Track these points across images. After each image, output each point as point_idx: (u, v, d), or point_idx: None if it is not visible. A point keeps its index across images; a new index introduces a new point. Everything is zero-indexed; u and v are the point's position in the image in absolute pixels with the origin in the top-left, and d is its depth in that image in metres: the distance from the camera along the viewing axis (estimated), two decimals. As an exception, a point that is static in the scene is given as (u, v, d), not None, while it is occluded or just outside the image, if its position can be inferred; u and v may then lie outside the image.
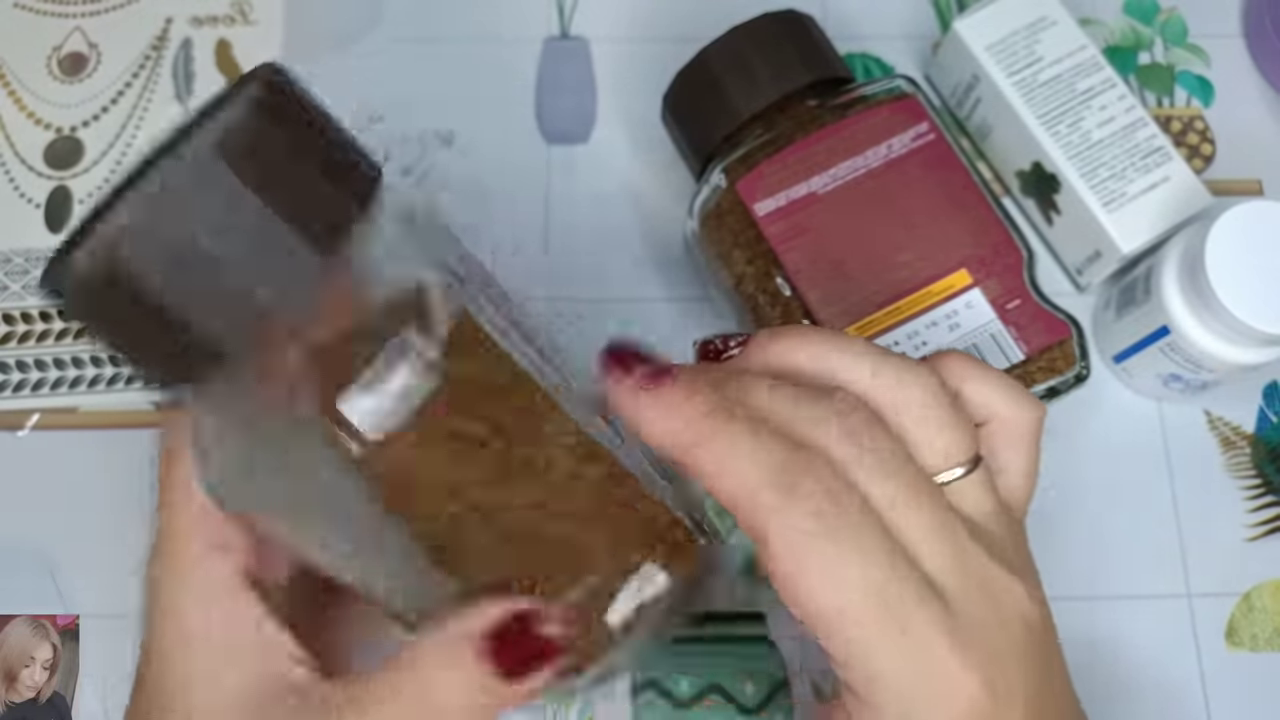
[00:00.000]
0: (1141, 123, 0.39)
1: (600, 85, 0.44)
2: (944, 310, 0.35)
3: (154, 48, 0.44)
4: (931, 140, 0.37)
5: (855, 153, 0.36)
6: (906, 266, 0.36)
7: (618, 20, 0.45)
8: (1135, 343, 0.38)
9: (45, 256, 0.41)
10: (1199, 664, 0.38)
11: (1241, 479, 0.40)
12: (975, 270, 0.36)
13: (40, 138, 0.43)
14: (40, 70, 0.43)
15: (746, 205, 0.36)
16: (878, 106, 0.37)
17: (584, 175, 0.43)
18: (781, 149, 0.36)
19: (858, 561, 0.24)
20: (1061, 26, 0.40)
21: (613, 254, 0.42)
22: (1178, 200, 0.38)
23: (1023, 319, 0.35)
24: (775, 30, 0.37)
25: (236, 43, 0.44)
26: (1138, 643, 0.38)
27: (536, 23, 0.45)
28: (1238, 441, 0.40)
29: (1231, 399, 0.40)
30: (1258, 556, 0.39)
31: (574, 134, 0.43)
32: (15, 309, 0.41)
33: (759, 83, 0.37)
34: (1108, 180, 0.39)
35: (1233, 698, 0.37)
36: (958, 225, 0.36)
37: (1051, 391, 0.35)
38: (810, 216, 0.36)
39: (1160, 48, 0.45)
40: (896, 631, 0.24)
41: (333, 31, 0.44)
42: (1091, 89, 0.39)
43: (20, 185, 0.42)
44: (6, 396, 0.40)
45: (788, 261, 0.35)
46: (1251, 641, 0.38)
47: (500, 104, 0.44)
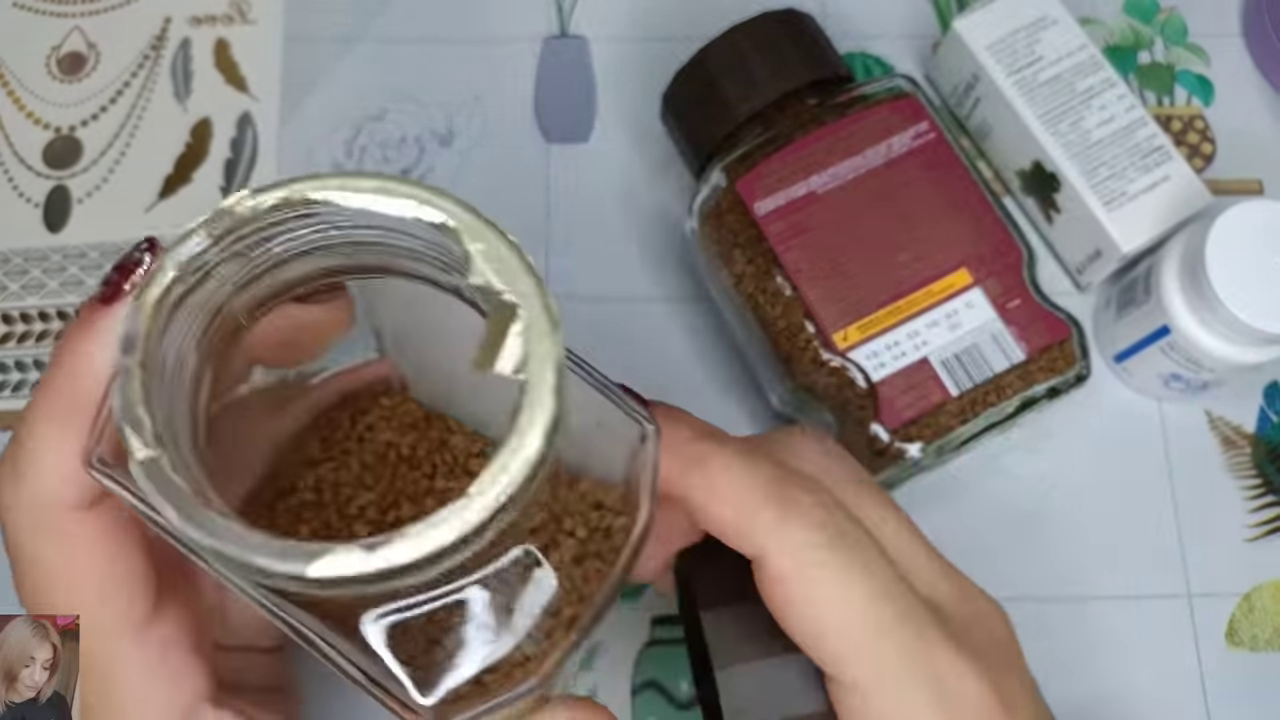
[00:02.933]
0: (1142, 122, 0.39)
1: (600, 84, 0.44)
2: (944, 310, 0.35)
3: (153, 47, 0.44)
4: (932, 139, 0.37)
5: (855, 152, 0.36)
6: (907, 266, 0.35)
7: (617, 19, 0.45)
8: (1136, 342, 0.38)
9: (44, 256, 0.41)
10: (1199, 664, 0.38)
11: (1242, 479, 0.40)
12: (975, 270, 0.36)
13: (39, 137, 0.43)
14: (39, 70, 0.43)
15: (746, 204, 0.36)
16: (878, 106, 0.37)
17: (583, 174, 0.43)
18: (781, 148, 0.36)
19: (863, 575, 0.24)
20: (1062, 26, 0.40)
21: (612, 253, 0.42)
22: (1178, 200, 0.38)
23: (1023, 318, 0.35)
24: (775, 29, 0.37)
25: (235, 42, 0.44)
26: (1138, 643, 0.38)
27: (536, 22, 0.45)
28: (1238, 441, 0.40)
29: (1232, 399, 0.40)
30: (1258, 556, 0.39)
31: (573, 133, 0.43)
32: (15, 309, 0.40)
33: (758, 82, 0.37)
34: (1108, 180, 0.39)
35: (1233, 698, 0.37)
36: (958, 224, 0.36)
37: (1052, 391, 0.35)
38: (810, 216, 0.36)
39: (1160, 47, 0.45)
40: (911, 642, 0.24)
41: (332, 31, 0.44)
42: (1092, 88, 0.39)
43: (19, 185, 0.42)
44: (6, 396, 0.40)
45: (788, 261, 0.35)
46: (1252, 641, 0.38)
47: (500, 103, 0.44)
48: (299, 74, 0.44)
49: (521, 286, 0.17)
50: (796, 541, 0.23)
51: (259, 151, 0.43)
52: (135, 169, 0.42)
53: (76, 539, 0.22)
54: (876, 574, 0.24)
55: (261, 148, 0.43)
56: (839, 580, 0.23)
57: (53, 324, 0.40)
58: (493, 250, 0.18)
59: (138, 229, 0.41)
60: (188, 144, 0.43)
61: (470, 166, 0.43)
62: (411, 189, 0.18)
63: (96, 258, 0.41)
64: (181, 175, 0.42)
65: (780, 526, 0.23)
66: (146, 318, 0.17)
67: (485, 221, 0.18)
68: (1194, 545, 0.39)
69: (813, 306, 0.35)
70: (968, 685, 0.24)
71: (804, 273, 0.35)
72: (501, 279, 0.18)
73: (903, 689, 0.24)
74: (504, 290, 0.17)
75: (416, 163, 0.43)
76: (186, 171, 0.42)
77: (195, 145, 0.43)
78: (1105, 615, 0.38)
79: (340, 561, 0.15)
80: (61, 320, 0.40)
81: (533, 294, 0.17)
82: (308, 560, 0.16)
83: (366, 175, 0.18)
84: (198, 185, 0.42)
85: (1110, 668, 0.37)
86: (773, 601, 0.24)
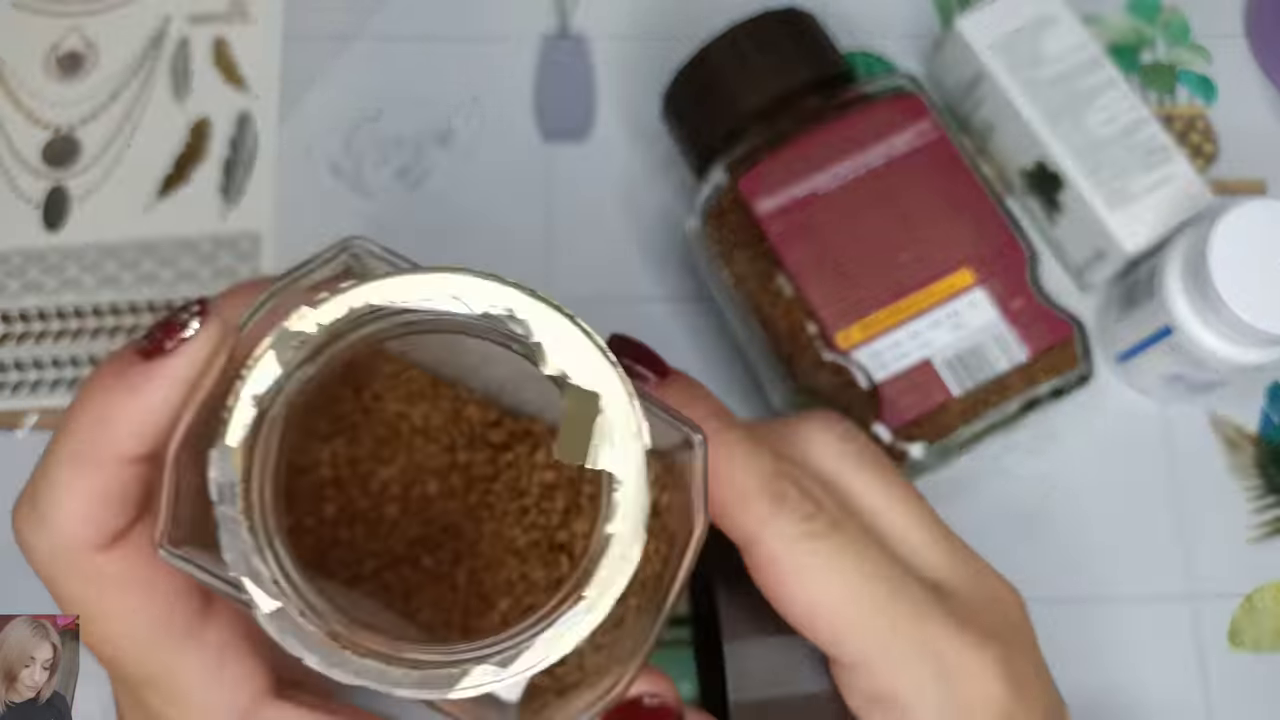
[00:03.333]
0: (1144, 122, 0.39)
1: (600, 83, 0.44)
2: (946, 309, 0.35)
3: (152, 46, 0.44)
4: (934, 138, 0.37)
5: (857, 151, 0.36)
6: (909, 265, 0.35)
7: (617, 18, 0.45)
8: (1138, 343, 0.38)
9: (43, 255, 0.41)
10: (1201, 665, 0.37)
11: (1244, 480, 0.39)
12: (978, 269, 0.35)
13: (38, 136, 0.42)
14: (38, 69, 0.43)
15: (748, 203, 0.36)
16: (880, 104, 0.37)
17: (583, 174, 0.43)
18: (783, 147, 0.36)
19: (855, 559, 0.24)
20: (1064, 25, 0.40)
21: (612, 253, 0.42)
22: (1181, 199, 0.38)
23: (1026, 319, 0.35)
24: (776, 27, 0.37)
25: (234, 41, 0.44)
26: (1140, 644, 0.38)
27: (535, 20, 0.45)
28: (1241, 442, 0.40)
29: (1235, 399, 0.40)
30: (1261, 558, 0.39)
31: (573, 132, 0.43)
32: (14, 309, 0.40)
33: (759, 80, 0.37)
34: (1111, 179, 0.38)
35: (1235, 699, 0.37)
36: (960, 224, 0.36)
37: (1055, 392, 0.35)
38: (812, 215, 0.36)
39: (1162, 47, 0.45)
40: (907, 619, 0.24)
41: (332, 29, 0.44)
42: (1094, 88, 0.39)
43: (18, 184, 0.42)
44: (5, 396, 0.39)
45: (789, 260, 0.35)
46: (1254, 643, 0.38)
47: (499, 102, 0.43)
48: (298, 73, 0.43)
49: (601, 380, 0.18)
50: (787, 534, 0.24)
51: (258, 151, 0.42)
52: (134, 168, 0.42)
53: (106, 577, 0.23)
54: (869, 557, 0.24)
55: (261, 147, 0.42)
56: (830, 565, 0.24)
57: (51, 323, 0.40)
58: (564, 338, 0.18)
59: (137, 228, 0.41)
60: (187, 143, 0.43)
61: (469, 166, 0.42)
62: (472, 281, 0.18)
63: (95, 257, 0.41)
64: (180, 174, 0.42)
65: (771, 520, 0.24)
66: (239, 462, 0.17)
67: (554, 306, 0.18)
68: (1196, 546, 0.39)
69: (814, 306, 0.35)
70: (970, 662, 0.24)
71: (806, 272, 0.35)
72: (577, 369, 0.18)
73: (904, 664, 0.24)
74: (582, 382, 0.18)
75: (415, 162, 0.42)
76: (185, 170, 0.42)
77: (194, 144, 0.43)
78: (1107, 616, 0.38)
79: (478, 679, 0.17)
80: (61, 320, 0.40)
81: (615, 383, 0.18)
82: (449, 686, 0.16)
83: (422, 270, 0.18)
84: (197, 184, 0.42)
85: (1112, 668, 0.37)
86: (765, 585, 0.25)
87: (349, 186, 0.42)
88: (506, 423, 0.23)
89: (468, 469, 0.23)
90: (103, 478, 0.22)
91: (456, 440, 0.23)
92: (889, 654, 0.24)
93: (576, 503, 0.23)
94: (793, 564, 0.24)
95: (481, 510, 0.23)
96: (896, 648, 0.24)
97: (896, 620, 0.24)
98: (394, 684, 0.17)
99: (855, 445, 0.27)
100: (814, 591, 0.24)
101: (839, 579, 0.24)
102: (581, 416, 0.18)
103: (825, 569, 0.24)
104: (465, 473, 0.23)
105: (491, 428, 0.24)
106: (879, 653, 0.24)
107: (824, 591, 0.24)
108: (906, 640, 0.24)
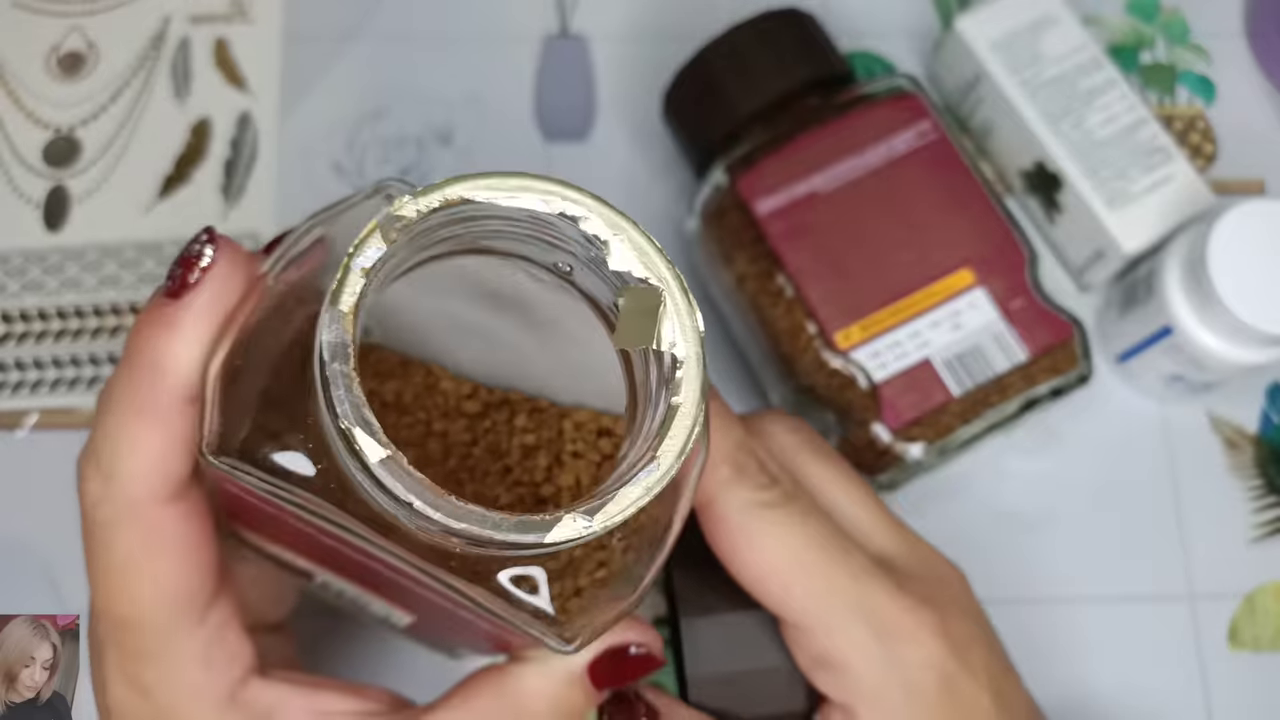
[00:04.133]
0: (1144, 122, 0.39)
1: (600, 83, 0.44)
2: (946, 310, 0.35)
3: (152, 46, 0.44)
4: (934, 139, 0.37)
5: (857, 151, 0.36)
6: (909, 266, 0.35)
7: (617, 18, 0.45)
8: (1138, 343, 0.38)
9: (43, 255, 0.41)
10: (1201, 665, 0.37)
11: (1244, 480, 0.39)
12: (978, 270, 0.35)
13: (38, 136, 0.42)
14: (38, 69, 0.43)
15: (748, 204, 0.36)
16: (879, 104, 0.37)
17: (583, 174, 0.43)
18: (782, 147, 0.36)
19: (801, 525, 0.26)
20: (1064, 25, 0.40)
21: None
22: (1180, 200, 0.38)
23: (1025, 319, 0.35)
24: (776, 28, 0.37)
25: (235, 41, 0.44)
26: (1140, 643, 0.38)
27: (536, 21, 0.45)
28: (1240, 442, 0.40)
29: (1234, 400, 0.40)
30: (1260, 558, 0.39)
31: (573, 132, 0.43)
32: (14, 308, 0.40)
33: (759, 80, 0.37)
34: (1110, 180, 0.39)
35: (1235, 699, 0.37)
36: (960, 224, 0.36)
37: (1055, 392, 0.35)
38: (812, 215, 0.36)
39: (1162, 47, 0.45)
40: (845, 582, 0.26)
41: (332, 29, 0.44)
42: (1094, 88, 0.39)
43: (18, 184, 0.42)
44: (5, 397, 0.39)
45: (789, 261, 0.35)
46: (1254, 642, 0.38)
47: (499, 102, 0.43)
48: (298, 73, 0.43)
49: (661, 273, 0.20)
50: (742, 498, 0.26)
51: (258, 151, 0.42)
52: (135, 168, 0.42)
53: (163, 531, 0.23)
54: (817, 528, 0.26)
55: (261, 147, 0.43)
56: (778, 532, 0.26)
57: (51, 323, 0.40)
58: (632, 241, 0.20)
59: (137, 228, 0.41)
60: (187, 143, 0.43)
61: (470, 165, 0.42)
62: (551, 186, 0.20)
63: (95, 257, 0.41)
64: (181, 174, 0.42)
65: (729, 485, 0.26)
66: (350, 324, 0.18)
67: (621, 214, 0.20)
68: (1196, 546, 0.39)
69: (814, 306, 0.35)
70: (909, 624, 0.26)
71: (805, 272, 0.35)
72: (643, 266, 0.20)
73: (843, 625, 0.26)
74: (648, 275, 0.20)
75: (416, 162, 0.42)
76: (186, 171, 0.42)
77: (195, 144, 0.43)
78: (1107, 616, 0.38)
79: (569, 528, 0.18)
80: (61, 320, 0.40)
81: (672, 280, 0.20)
82: (545, 530, 0.18)
83: (506, 174, 0.20)
84: (197, 184, 0.42)
85: (1112, 668, 0.37)
86: (718, 548, 0.26)
87: (351, 186, 0.42)
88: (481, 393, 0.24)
89: (445, 436, 0.24)
90: (165, 423, 0.22)
91: (432, 413, 0.24)
92: (830, 614, 0.26)
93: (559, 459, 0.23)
94: (745, 529, 0.26)
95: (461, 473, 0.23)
96: (837, 608, 0.26)
97: (835, 581, 0.26)
98: (494, 527, 0.18)
99: (806, 434, 0.29)
100: (764, 555, 0.26)
101: (786, 544, 0.26)
102: (642, 309, 0.20)
103: (774, 535, 0.26)
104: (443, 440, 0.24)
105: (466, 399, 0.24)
106: (821, 613, 0.26)
107: (774, 555, 0.26)
108: (845, 601, 0.26)
